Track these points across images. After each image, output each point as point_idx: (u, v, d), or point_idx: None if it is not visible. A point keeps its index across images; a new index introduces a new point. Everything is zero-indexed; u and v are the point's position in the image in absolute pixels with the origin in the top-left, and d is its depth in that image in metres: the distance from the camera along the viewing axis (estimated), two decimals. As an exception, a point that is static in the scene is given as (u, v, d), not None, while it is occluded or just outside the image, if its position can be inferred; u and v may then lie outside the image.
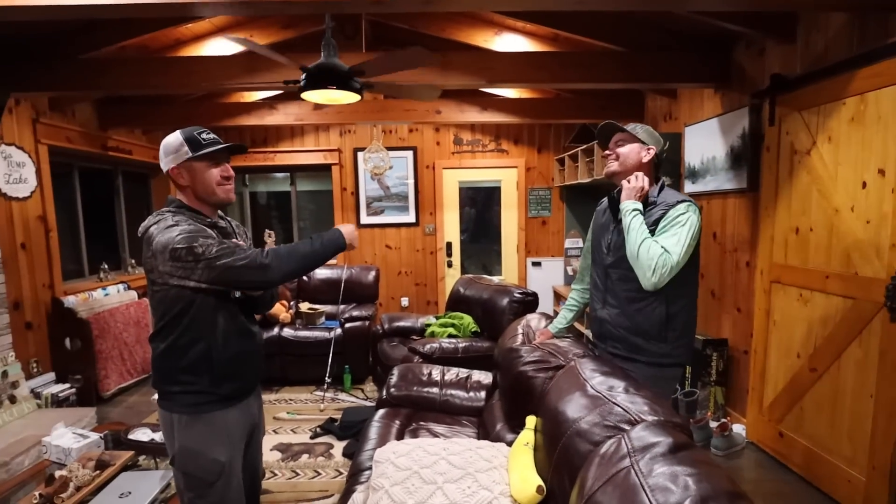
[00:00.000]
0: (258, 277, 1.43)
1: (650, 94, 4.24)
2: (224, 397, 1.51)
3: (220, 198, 1.52)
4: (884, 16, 2.09)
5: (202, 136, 1.48)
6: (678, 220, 1.68)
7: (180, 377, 1.46)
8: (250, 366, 1.59)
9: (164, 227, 1.39)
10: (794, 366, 2.58)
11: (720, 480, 1.00)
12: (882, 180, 2.09)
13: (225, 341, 1.48)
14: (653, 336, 1.78)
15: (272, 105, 4.28)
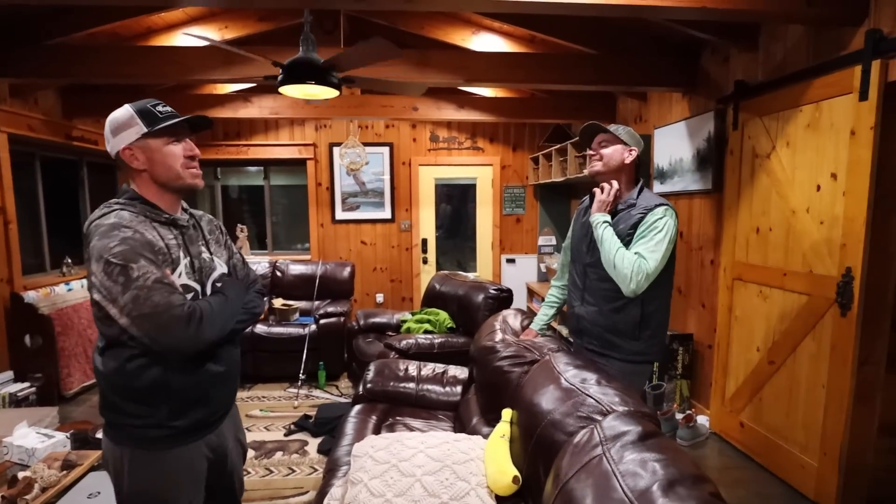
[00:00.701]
0: (181, 341, 1.14)
1: (622, 96, 4.36)
2: (186, 430, 1.25)
3: (187, 182, 1.26)
4: (836, 30, 2.22)
5: (158, 108, 1.23)
6: (655, 226, 1.73)
7: (129, 408, 1.20)
8: (220, 391, 1.33)
9: (106, 228, 1.14)
10: (753, 359, 2.72)
11: (685, 465, 1.07)
12: (834, 184, 2.22)
13: (186, 365, 1.22)
14: (627, 334, 1.84)
15: (247, 98, 4.21)
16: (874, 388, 2.16)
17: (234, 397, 1.44)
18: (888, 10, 2.00)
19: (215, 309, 1.23)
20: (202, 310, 1.19)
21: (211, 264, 1.34)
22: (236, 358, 1.40)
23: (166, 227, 1.26)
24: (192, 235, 1.33)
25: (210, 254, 1.36)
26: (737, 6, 2.04)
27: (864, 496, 2.19)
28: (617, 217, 1.83)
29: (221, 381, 1.32)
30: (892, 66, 1.97)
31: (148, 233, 1.18)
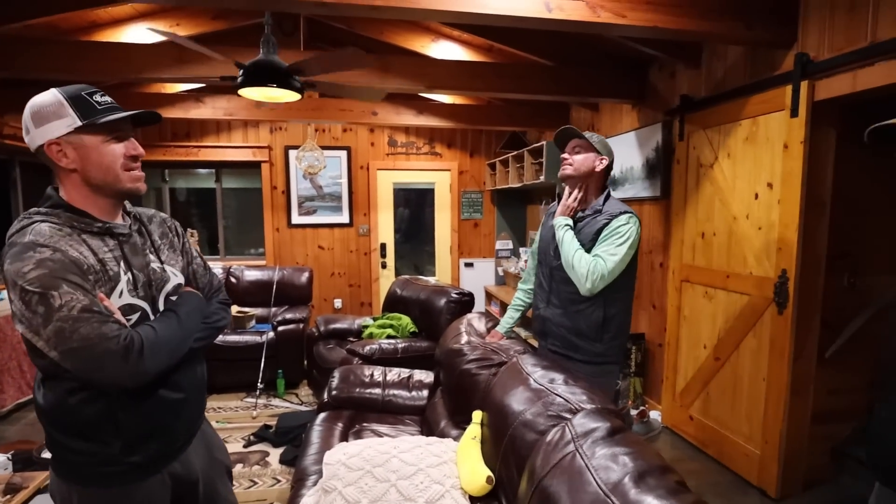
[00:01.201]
0: (119, 378, 0.99)
1: (575, 106, 4.53)
2: (141, 465, 1.11)
3: (126, 186, 1.08)
4: (770, 52, 2.43)
5: (95, 97, 1.04)
6: (618, 231, 1.81)
7: (77, 444, 1.06)
8: (180, 419, 1.18)
9: (19, 248, 0.96)
10: (701, 356, 2.90)
11: (652, 457, 1.14)
12: (770, 192, 2.42)
13: (135, 395, 1.07)
14: (590, 336, 1.90)
15: (199, 98, 4.06)
16: (807, 380, 2.36)
17: (199, 421, 1.29)
18: (814, 36, 2.21)
19: (161, 335, 1.06)
20: (143, 338, 1.02)
21: (163, 275, 1.17)
22: (199, 378, 1.26)
23: (100, 237, 1.07)
24: (136, 244, 1.14)
25: (161, 263, 1.19)
26: (684, 27, 2.18)
27: (801, 480, 2.38)
28: (583, 222, 1.90)
29: (180, 408, 1.17)
30: (818, 87, 2.18)
31: (73, 249, 1.00)
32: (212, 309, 1.27)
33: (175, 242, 1.28)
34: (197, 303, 1.22)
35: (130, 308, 1.09)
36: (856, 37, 2.01)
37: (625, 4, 2.10)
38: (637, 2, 2.11)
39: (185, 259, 1.28)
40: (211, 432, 1.38)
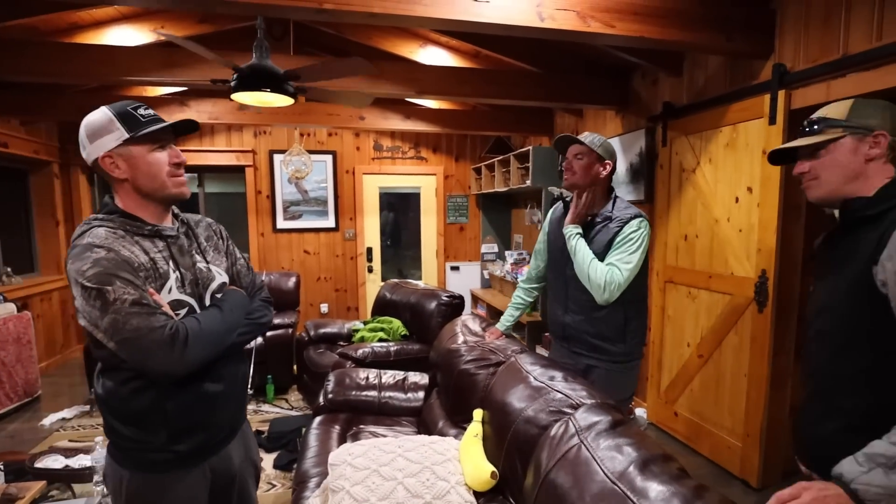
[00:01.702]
0: (166, 365, 1.08)
1: (559, 112, 4.63)
2: (186, 455, 1.20)
3: (172, 192, 1.19)
4: (749, 62, 2.55)
5: (139, 111, 1.15)
6: (630, 238, 1.81)
7: (128, 431, 1.15)
8: (221, 412, 1.26)
9: (79, 249, 1.07)
10: (685, 354, 3.00)
11: (653, 447, 1.20)
12: (750, 196, 2.53)
13: (182, 388, 1.16)
14: (614, 339, 1.92)
15: (183, 101, 4.02)
16: (786, 374, 2.47)
17: (240, 417, 1.37)
18: (790, 48, 2.33)
19: (205, 326, 1.15)
20: (188, 329, 1.11)
21: (208, 274, 1.27)
22: (241, 375, 1.33)
23: (150, 239, 1.18)
24: (183, 245, 1.24)
25: (207, 263, 1.28)
26: (669, 37, 2.27)
27: (781, 471, 2.49)
28: (594, 230, 1.90)
29: (222, 402, 1.26)
30: (794, 96, 2.30)
31: (125, 250, 1.10)
32: (254, 306, 1.35)
33: (220, 245, 1.37)
34: (240, 299, 1.30)
35: (178, 304, 1.18)
36: (829, 49, 2.13)
37: (614, 15, 2.18)
38: (625, 13, 2.20)
39: (230, 260, 1.37)
40: (249, 433, 1.45)
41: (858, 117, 1.11)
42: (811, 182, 1.18)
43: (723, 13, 2.34)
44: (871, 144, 1.10)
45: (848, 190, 1.12)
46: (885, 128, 1.09)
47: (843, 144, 1.12)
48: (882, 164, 1.10)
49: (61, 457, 1.91)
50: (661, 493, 1.01)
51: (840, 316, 1.11)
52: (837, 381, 1.12)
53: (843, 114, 1.13)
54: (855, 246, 1.09)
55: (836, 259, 1.14)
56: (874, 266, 1.01)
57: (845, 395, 1.10)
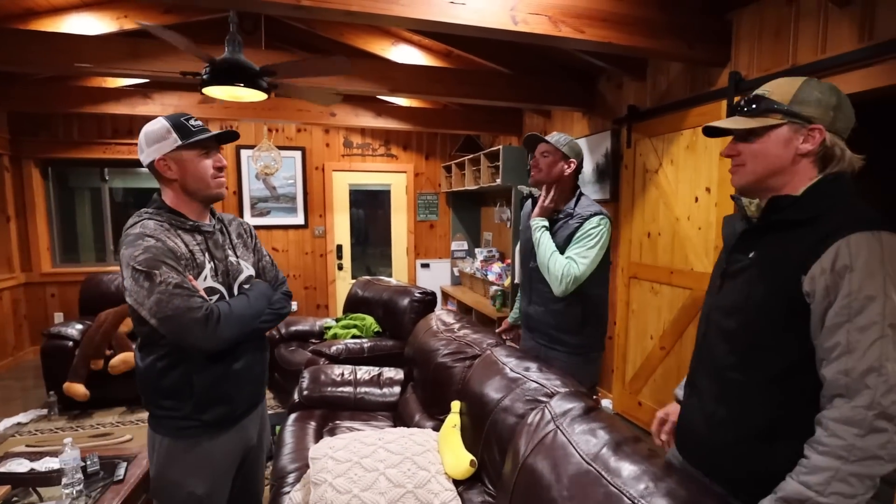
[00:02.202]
0: (200, 341, 1.25)
1: (529, 112, 4.74)
2: (210, 424, 1.37)
3: (213, 192, 1.38)
4: (708, 69, 2.69)
5: (190, 122, 1.34)
6: (590, 234, 1.89)
7: (161, 401, 1.34)
8: (243, 389, 1.44)
9: (133, 238, 1.25)
10: (648, 346, 3.14)
11: (624, 430, 1.28)
12: (708, 196, 2.68)
13: (208, 366, 1.33)
14: (571, 331, 2.01)
15: (146, 94, 3.89)
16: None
17: (259, 396, 1.55)
18: (745, 57, 2.48)
19: (234, 310, 1.32)
20: (220, 311, 1.28)
21: (238, 267, 1.44)
22: (260, 359, 1.50)
23: (190, 233, 1.35)
24: (218, 240, 1.42)
25: (237, 257, 1.45)
26: (635, 44, 2.38)
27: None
28: (557, 226, 1.98)
29: (244, 380, 1.42)
30: (748, 102, 2.45)
31: (170, 241, 1.28)
32: (276, 297, 1.51)
33: (248, 242, 1.54)
34: (265, 289, 1.47)
35: (211, 290, 1.35)
36: (780, 60, 2.29)
37: (584, 21, 2.27)
38: (594, 19, 2.29)
39: (256, 256, 1.54)
40: (266, 413, 1.63)
41: (801, 104, 0.98)
42: (738, 168, 1.06)
43: (684, 22, 2.46)
44: (805, 137, 0.98)
45: (772, 182, 1.02)
46: (824, 121, 0.97)
47: (778, 134, 0.99)
48: (810, 163, 1.00)
49: (26, 460, 1.84)
50: (633, 471, 1.08)
51: (754, 320, 1.01)
52: (744, 387, 1.03)
53: (787, 96, 0.99)
54: (782, 250, 0.98)
55: (759, 260, 1.02)
56: (803, 275, 0.92)
57: (751, 402, 1.02)
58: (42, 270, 4.74)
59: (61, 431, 3.20)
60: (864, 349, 0.85)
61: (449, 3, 2.11)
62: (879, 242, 0.88)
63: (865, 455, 0.84)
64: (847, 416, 0.85)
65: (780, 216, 1.01)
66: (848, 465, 0.84)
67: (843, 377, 0.87)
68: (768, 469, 0.98)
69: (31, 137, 4.55)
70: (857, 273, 0.87)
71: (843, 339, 0.87)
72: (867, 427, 0.84)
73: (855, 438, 0.84)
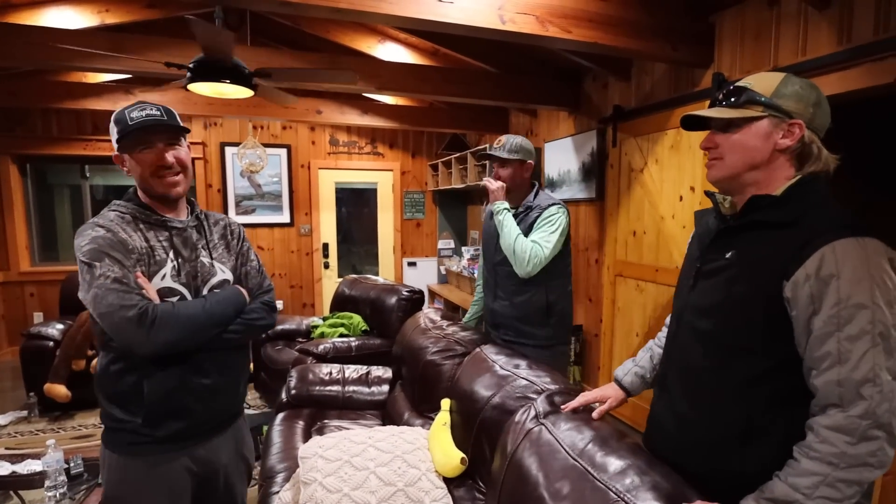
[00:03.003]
0: (133, 343, 1.13)
1: (514, 111, 4.76)
2: (164, 440, 1.23)
3: (158, 192, 1.24)
4: (691, 70, 2.74)
5: (132, 113, 1.20)
6: (549, 220, 2.00)
7: (112, 411, 1.22)
8: (205, 403, 1.28)
9: (85, 226, 1.18)
10: (633, 343, 3.19)
11: (609, 427, 1.30)
12: (692, 195, 2.73)
13: (161, 373, 1.20)
14: (536, 322, 2.08)
15: (128, 89, 3.82)
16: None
17: (231, 412, 1.39)
18: (727, 59, 2.53)
19: (179, 312, 1.18)
20: (158, 312, 1.15)
21: (210, 269, 1.32)
22: (233, 370, 1.36)
23: (155, 228, 1.25)
24: (189, 238, 1.30)
25: (212, 259, 1.34)
26: (621, 44, 2.41)
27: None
28: (518, 220, 2.06)
29: (209, 395, 1.28)
30: (731, 103, 2.49)
31: (124, 233, 1.19)
32: (252, 307, 1.36)
33: (232, 244, 1.42)
34: (234, 297, 1.32)
35: (170, 291, 1.24)
36: (761, 61, 2.34)
37: (571, 21, 2.29)
38: (581, 19, 2.31)
39: (240, 261, 1.42)
40: (245, 430, 1.48)
41: (782, 97, 0.96)
42: (715, 161, 1.03)
43: (669, 24, 2.50)
44: (784, 132, 0.96)
45: (748, 178, 1.00)
46: (804, 117, 0.95)
47: (758, 126, 0.97)
48: (786, 160, 0.98)
49: (6, 463, 1.80)
50: (618, 466, 1.09)
51: (731, 321, 0.99)
52: (717, 389, 1.01)
53: (769, 89, 0.97)
54: (761, 251, 0.96)
55: (738, 260, 0.99)
56: (785, 280, 0.90)
57: (724, 404, 1.00)
58: (20, 269, 4.64)
59: (42, 433, 3.14)
60: (857, 359, 0.84)
61: (437, 1, 2.11)
62: (864, 249, 0.86)
63: (856, 462, 0.83)
64: (841, 424, 0.84)
65: (759, 216, 0.98)
66: (837, 471, 0.83)
67: (836, 387, 0.85)
68: (738, 470, 0.98)
69: (7, 133, 4.44)
70: (845, 281, 0.85)
71: (833, 349, 0.86)
72: (859, 436, 0.83)
73: (846, 446, 0.83)
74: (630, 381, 1.40)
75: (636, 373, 1.39)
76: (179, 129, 1.26)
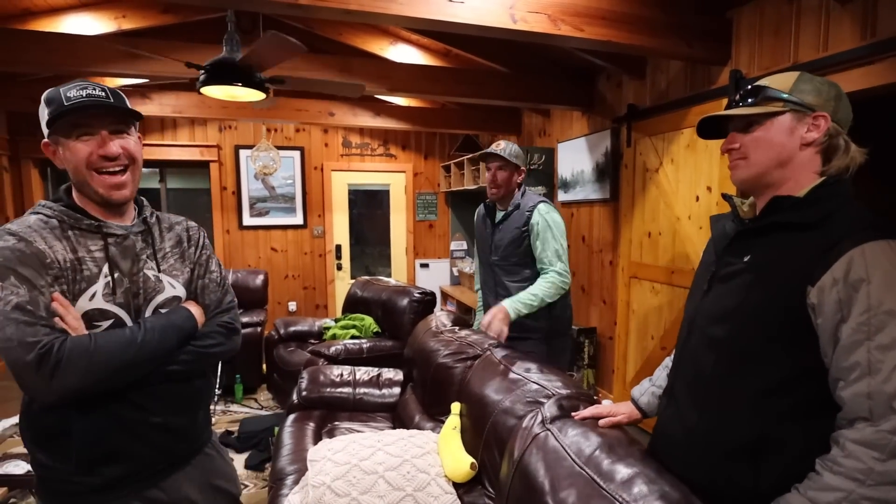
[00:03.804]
0: (30, 389, 0.96)
1: (527, 111, 4.72)
2: (101, 488, 1.02)
3: (99, 192, 1.02)
4: (707, 68, 2.68)
5: (69, 92, 0.98)
6: (541, 228, 2.10)
7: (38, 454, 1.02)
8: (148, 444, 1.06)
9: (2, 233, 0.96)
10: (648, 347, 3.13)
11: (618, 433, 1.27)
12: (709, 195, 2.67)
13: (92, 410, 0.99)
14: (539, 315, 2.15)
15: (145, 94, 3.88)
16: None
17: (189, 447, 1.17)
18: (745, 55, 2.47)
19: (98, 347, 0.95)
20: (67, 349, 0.92)
21: (155, 285, 1.10)
22: (186, 401, 1.14)
23: (87, 235, 1.02)
24: (130, 247, 1.07)
25: (159, 271, 1.11)
26: (635, 42, 2.37)
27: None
28: (508, 218, 2.21)
29: (156, 434, 1.07)
30: (749, 101, 2.43)
31: (43, 242, 0.96)
32: (206, 330, 1.15)
33: (188, 253, 1.19)
34: (180, 321, 1.10)
35: (102, 313, 1.01)
36: (780, 58, 2.27)
37: (583, 19, 2.26)
38: (594, 17, 2.28)
39: (196, 272, 1.19)
40: (218, 460, 1.27)
41: (801, 93, 0.94)
42: (739, 161, 1.00)
43: (684, 21, 2.45)
44: (809, 126, 0.94)
45: (775, 176, 0.96)
46: (827, 110, 0.93)
47: (780, 121, 0.95)
48: (814, 154, 0.95)
49: (22, 462, 1.83)
50: (626, 474, 1.05)
51: (746, 328, 0.94)
52: (729, 400, 0.96)
53: (786, 86, 0.96)
54: (782, 255, 0.91)
55: (755, 264, 0.95)
56: (810, 286, 0.85)
57: (736, 416, 0.95)
58: (41, 271, 4.73)
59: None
60: (889, 371, 0.79)
61: (447, 1, 2.10)
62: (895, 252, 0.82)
63: (883, 480, 0.78)
64: (870, 439, 0.79)
65: (780, 218, 0.94)
66: (863, 488, 0.79)
67: (866, 400, 0.80)
68: (750, 486, 0.92)
69: (29, 138, 4.54)
70: (876, 286, 0.80)
71: (863, 359, 0.81)
72: (889, 452, 0.78)
73: (875, 462, 0.78)
74: (647, 402, 1.35)
75: (653, 392, 1.33)
76: (129, 113, 1.04)
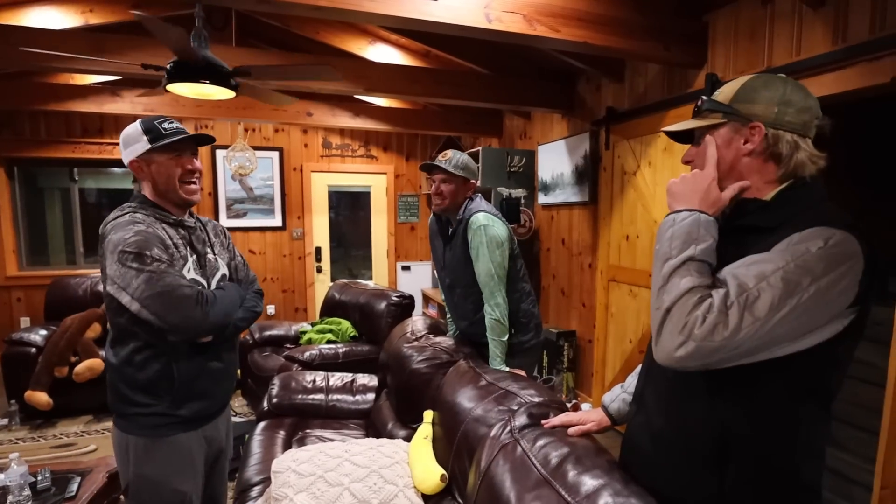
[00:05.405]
0: (189, 319, 1.29)
1: (508, 113, 4.71)
2: (187, 420, 1.40)
3: (182, 197, 1.40)
4: (684, 71, 2.68)
5: (163, 125, 1.38)
6: (477, 247, 1.97)
7: (136, 397, 1.35)
8: (220, 385, 1.49)
9: (122, 224, 1.30)
10: (627, 350, 3.12)
11: (587, 442, 1.23)
12: (686, 199, 2.66)
13: (189, 358, 1.37)
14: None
15: (115, 91, 3.76)
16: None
17: (230, 394, 1.60)
18: (721, 59, 2.47)
19: (219, 298, 1.38)
20: (209, 295, 1.35)
21: (215, 265, 1.50)
22: (234, 359, 1.56)
23: (174, 227, 1.40)
24: (200, 236, 1.48)
25: (214, 255, 1.51)
26: (611, 44, 2.36)
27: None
28: (456, 236, 2.08)
29: (221, 377, 1.48)
30: (725, 105, 2.44)
31: (159, 230, 1.34)
32: (248, 296, 1.56)
33: (224, 242, 1.61)
34: (237, 291, 1.52)
35: (195, 282, 1.39)
36: (755, 61, 2.28)
37: (559, 20, 2.23)
38: (570, 18, 2.26)
39: (230, 255, 1.61)
40: (230, 413, 1.68)
41: (744, 101, 0.94)
42: (696, 171, 1.02)
43: (661, 24, 2.44)
44: (746, 137, 0.93)
45: (728, 185, 0.97)
46: (767, 116, 0.91)
47: (719, 134, 0.96)
48: (760, 162, 0.93)
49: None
50: (592, 486, 1.02)
51: None
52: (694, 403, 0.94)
53: (728, 96, 0.96)
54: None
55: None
56: None
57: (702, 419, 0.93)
58: (7, 274, 4.57)
59: (22, 442, 3.07)
60: (752, 274, 0.81)
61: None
62: (825, 239, 0.80)
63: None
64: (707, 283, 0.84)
65: (746, 221, 0.94)
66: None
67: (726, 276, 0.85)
68: (715, 493, 0.90)
69: (-7, 136, 4.39)
70: (785, 245, 0.82)
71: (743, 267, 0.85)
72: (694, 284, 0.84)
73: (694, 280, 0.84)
74: (617, 409, 1.31)
75: (624, 399, 1.30)
76: (202, 142, 1.45)
